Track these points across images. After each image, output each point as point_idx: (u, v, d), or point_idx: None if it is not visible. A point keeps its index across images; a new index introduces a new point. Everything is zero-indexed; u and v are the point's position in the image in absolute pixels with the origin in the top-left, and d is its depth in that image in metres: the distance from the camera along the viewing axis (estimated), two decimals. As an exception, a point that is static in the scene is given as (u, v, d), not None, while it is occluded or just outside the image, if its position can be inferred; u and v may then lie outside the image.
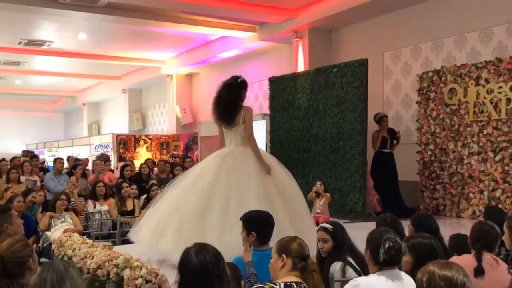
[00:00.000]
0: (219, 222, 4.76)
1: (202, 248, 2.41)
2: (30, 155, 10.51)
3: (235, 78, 5.61)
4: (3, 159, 9.99)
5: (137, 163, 12.08)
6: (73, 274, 2.48)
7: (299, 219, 5.17)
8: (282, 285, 2.75)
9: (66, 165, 10.65)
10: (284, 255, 2.89)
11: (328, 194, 7.33)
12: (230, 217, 4.66)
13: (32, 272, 3.00)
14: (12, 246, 3.11)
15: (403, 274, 2.91)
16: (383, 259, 2.91)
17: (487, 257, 3.47)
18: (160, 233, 4.87)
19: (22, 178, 8.67)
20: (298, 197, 5.51)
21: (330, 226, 3.74)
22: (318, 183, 7.34)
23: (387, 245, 2.89)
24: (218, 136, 5.90)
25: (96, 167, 9.72)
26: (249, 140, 5.38)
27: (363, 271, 3.44)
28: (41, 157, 16.17)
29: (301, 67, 10.74)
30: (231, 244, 4.01)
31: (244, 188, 5.01)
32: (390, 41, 9.81)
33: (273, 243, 3.21)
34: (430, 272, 2.10)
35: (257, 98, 13.38)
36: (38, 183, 8.89)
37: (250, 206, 4.45)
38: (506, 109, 7.45)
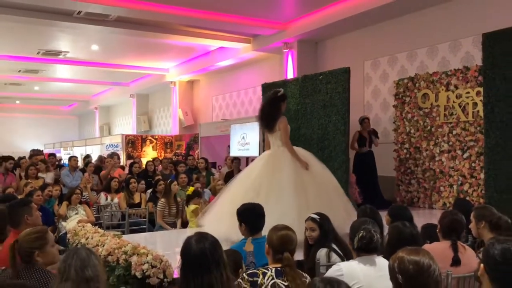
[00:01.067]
0: (262, 201, 5.00)
1: (201, 237, 2.41)
2: (35, 154, 10.48)
3: (275, 92, 5.91)
4: (24, 157, 9.96)
5: (144, 161, 12.05)
6: (95, 262, 2.44)
7: (335, 205, 5.37)
8: (273, 270, 2.75)
9: (80, 162, 10.64)
10: (267, 244, 2.90)
11: None
12: (272, 204, 4.94)
13: (38, 263, 2.97)
14: (28, 235, 3.08)
15: (379, 260, 2.91)
16: (357, 246, 2.93)
17: (457, 243, 3.48)
18: (220, 218, 5.15)
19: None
20: (333, 185, 5.85)
21: (318, 217, 3.74)
22: None
23: (360, 235, 2.91)
24: (265, 141, 6.25)
25: (108, 164, 9.71)
26: (285, 144, 5.72)
27: (346, 257, 3.45)
28: (58, 155, 16.15)
29: (290, 75, 10.74)
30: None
31: (283, 180, 5.36)
32: (370, 52, 9.82)
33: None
34: (399, 258, 2.10)
35: (252, 102, 13.37)
36: (48, 180, 8.76)
37: (287, 194, 5.13)
38: (473, 112, 7.48)
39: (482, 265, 2.26)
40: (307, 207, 4.64)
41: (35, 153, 10.72)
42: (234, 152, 9.80)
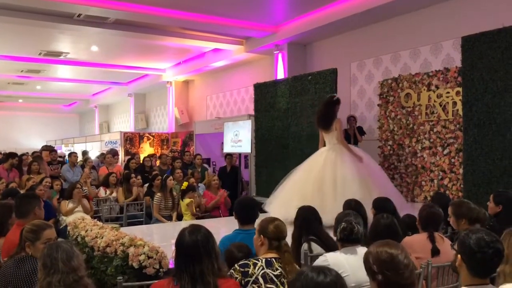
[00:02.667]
0: (330, 195, 5.56)
1: (195, 229, 2.41)
2: (49, 149, 10.37)
3: (331, 97, 6.49)
4: (26, 153, 9.88)
5: (142, 157, 12.01)
6: (77, 252, 2.50)
7: (389, 193, 5.63)
8: (263, 260, 2.75)
9: (80, 158, 10.57)
10: (262, 235, 2.89)
11: None
12: (338, 195, 5.45)
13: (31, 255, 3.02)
14: (29, 225, 3.11)
15: (363, 250, 2.92)
16: (339, 237, 2.94)
17: (435, 235, 3.51)
18: (289, 205, 5.36)
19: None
20: (383, 174, 6.58)
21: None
22: None
23: (341, 226, 2.93)
24: (320, 138, 6.67)
25: (107, 160, 9.65)
26: (341, 142, 6.26)
27: (329, 249, 3.41)
28: (59, 151, 16.03)
29: (281, 75, 10.73)
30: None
31: (347, 173, 5.84)
32: (356, 54, 9.84)
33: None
34: (370, 250, 2.10)
35: (244, 101, 13.36)
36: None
37: (352, 185, 5.62)
38: (452, 110, 7.52)
39: (459, 256, 2.28)
40: (370, 196, 4.95)
41: (47, 148, 10.60)
42: (228, 149, 9.79)
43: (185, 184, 7.00)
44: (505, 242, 2.54)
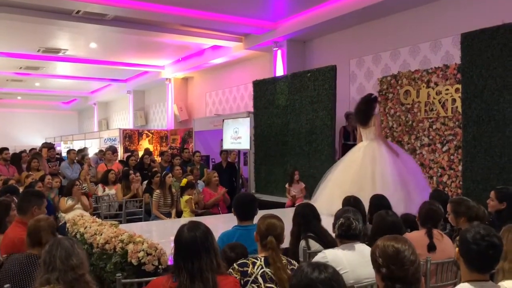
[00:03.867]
0: (369, 190, 5.59)
1: (194, 226, 2.41)
2: (48, 147, 10.32)
3: (369, 95, 6.82)
4: (24, 151, 9.86)
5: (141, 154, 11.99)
6: (78, 251, 2.48)
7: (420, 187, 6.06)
8: (262, 259, 2.74)
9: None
10: (255, 232, 2.90)
11: (302, 183, 7.74)
12: (374, 184, 5.81)
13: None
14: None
15: (362, 247, 2.92)
16: (338, 233, 2.94)
17: (434, 232, 3.51)
18: (332, 200, 5.66)
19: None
20: (418, 169, 6.86)
21: None
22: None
23: (339, 222, 2.93)
24: (358, 134, 6.89)
25: (107, 157, 9.61)
26: (379, 137, 6.50)
27: (327, 246, 3.41)
28: (57, 148, 16.02)
29: (280, 72, 10.72)
30: None
31: (383, 165, 6.09)
32: (355, 50, 9.83)
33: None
34: (379, 243, 2.10)
35: (243, 98, 13.35)
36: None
37: (387, 176, 5.89)
38: (451, 107, 7.51)
39: (457, 249, 2.31)
40: (407, 191, 5.28)
41: (46, 146, 10.55)
42: (227, 145, 9.78)
43: (184, 181, 7.00)
44: (504, 238, 2.55)
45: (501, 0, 7.20)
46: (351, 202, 4.03)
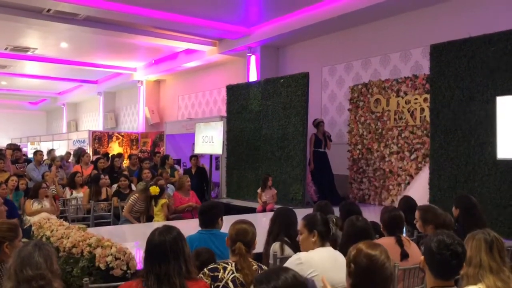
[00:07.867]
0: None
1: (165, 230, 2.39)
2: (13, 148, 10.04)
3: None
4: (-11, 151, 9.55)
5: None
6: (38, 260, 2.24)
7: None
8: (233, 264, 2.72)
9: (45, 157, 10.30)
10: (227, 238, 2.89)
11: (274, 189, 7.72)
12: None
13: (6, 256, 2.71)
14: (4, 224, 2.93)
15: (334, 252, 2.95)
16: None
17: (403, 238, 3.56)
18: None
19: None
20: None
21: None
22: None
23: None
24: None
25: (85, 159, 9.33)
26: None
27: (297, 250, 3.42)
28: (24, 150, 15.57)
29: (253, 78, 10.76)
30: None
31: None
32: (328, 58, 9.96)
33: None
34: (358, 249, 2.10)
35: (216, 103, 13.32)
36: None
37: None
38: (420, 116, 7.69)
39: (422, 257, 2.35)
40: None
41: (11, 147, 10.24)
42: (199, 149, 9.73)
43: (155, 189, 6.81)
44: (468, 245, 2.60)
45: (468, 14, 7.43)
46: (322, 207, 4.06)
